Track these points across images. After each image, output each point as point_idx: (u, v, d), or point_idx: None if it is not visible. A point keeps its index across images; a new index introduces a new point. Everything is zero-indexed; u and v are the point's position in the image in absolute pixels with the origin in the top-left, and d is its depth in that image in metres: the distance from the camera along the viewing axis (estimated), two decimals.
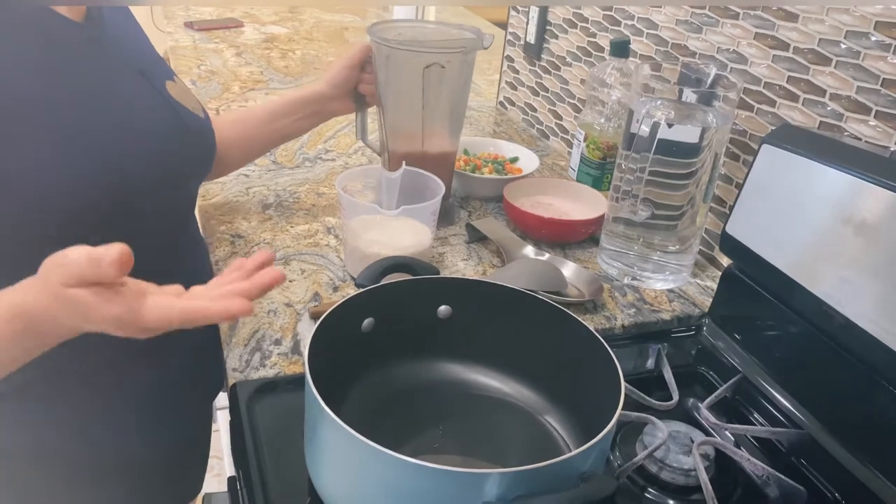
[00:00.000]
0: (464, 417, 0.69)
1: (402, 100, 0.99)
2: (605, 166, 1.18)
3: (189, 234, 0.83)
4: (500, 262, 0.99)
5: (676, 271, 0.97)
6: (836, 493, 0.67)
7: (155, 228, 0.72)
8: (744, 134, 0.96)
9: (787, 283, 0.76)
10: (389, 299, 0.68)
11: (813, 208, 0.74)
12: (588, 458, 0.52)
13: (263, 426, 0.68)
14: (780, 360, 0.80)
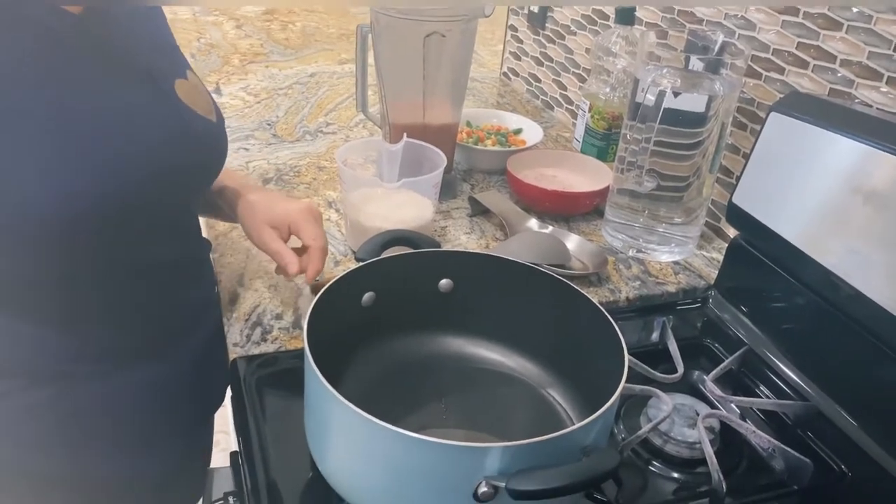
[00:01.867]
0: (466, 391, 0.69)
1: (402, 70, 0.97)
2: (610, 137, 1.16)
3: (195, 245, 0.78)
4: (503, 235, 0.98)
5: (682, 243, 0.96)
6: (843, 466, 0.67)
7: (156, 238, 0.67)
8: (751, 102, 0.94)
9: (794, 254, 0.75)
10: (390, 273, 0.67)
11: (822, 177, 0.72)
12: (591, 432, 0.51)
13: (265, 401, 0.68)
14: (787, 331, 0.79)
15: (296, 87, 1.49)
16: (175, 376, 0.74)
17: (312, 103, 1.40)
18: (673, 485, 0.65)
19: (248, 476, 0.61)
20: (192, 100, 0.67)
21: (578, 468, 0.48)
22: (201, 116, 0.68)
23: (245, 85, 1.47)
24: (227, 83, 1.47)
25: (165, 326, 0.72)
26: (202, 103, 0.69)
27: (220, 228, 0.94)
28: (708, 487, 0.62)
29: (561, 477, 0.46)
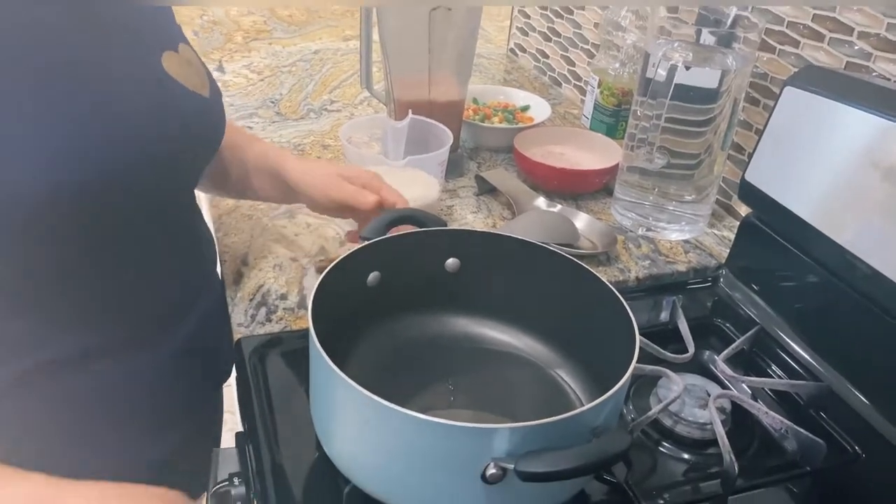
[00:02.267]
0: (473, 372, 0.68)
1: (407, 45, 0.95)
2: (620, 113, 1.14)
3: (192, 226, 0.74)
4: (511, 214, 0.96)
5: (693, 221, 0.94)
6: (856, 447, 0.66)
7: (147, 222, 0.63)
8: (764, 77, 0.92)
9: (808, 232, 0.73)
10: (395, 252, 0.66)
11: (838, 152, 0.70)
12: (601, 413, 0.50)
13: (270, 381, 0.67)
14: (800, 311, 0.78)
15: (300, 64, 1.47)
16: (175, 358, 0.71)
17: (316, 80, 1.39)
18: (683, 466, 0.64)
19: (253, 457, 0.61)
20: (181, 74, 0.63)
21: (588, 450, 0.47)
22: (192, 93, 0.64)
23: (248, 62, 1.45)
24: (230, 61, 1.45)
25: (163, 310, 0.69)
26: (193, 78, 0.65)
27: (224, 207, 0.93)
28: (719, 468, 0.61)
29: (571, 459, 0.46)
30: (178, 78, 0.63)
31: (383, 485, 0.52)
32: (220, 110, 0.70)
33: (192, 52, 0.68)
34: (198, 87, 0.65)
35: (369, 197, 0.73)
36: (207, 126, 0.68)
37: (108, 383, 0.66)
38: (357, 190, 0.74)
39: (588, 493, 0.60)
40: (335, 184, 0.75)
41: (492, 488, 0.47)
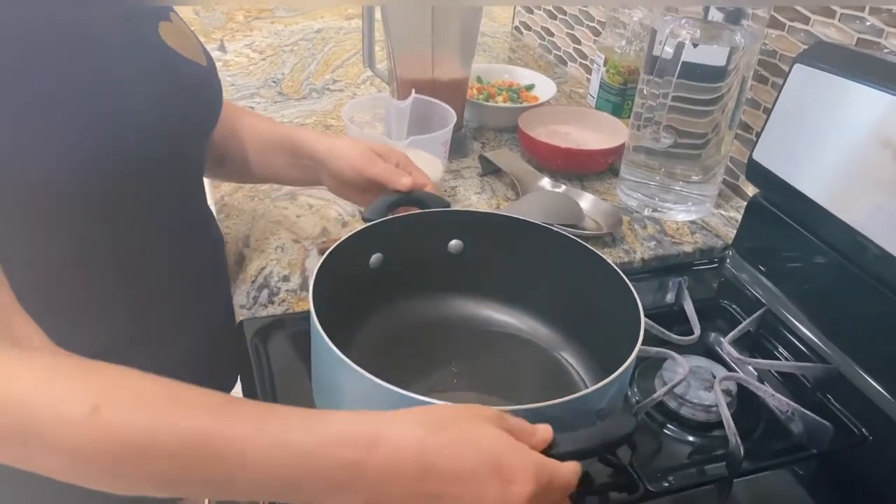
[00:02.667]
0: (477, 354, 0.67)
1: (410, 23, 0.93)
2: (626, 92, 1.13)
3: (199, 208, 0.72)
4: (515, 195, 0.95)
5: (699, 202, 0.93)
6: (864, 429, 0.65)
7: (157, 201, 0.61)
8: (773, 55, 0.90)
9: (817, 212, 0.72)
10: (398, 233, 0.65)
11: (848, 131, 0.69)
12: (605, 395, 0.50)
13: (272, 363, 0.67)
14: (807, 292, 0.77)
15: (302, 43, 1.45)
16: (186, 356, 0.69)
17: (319, 60, 1.37)
18: (688, 448, 0.64)
19: None
20: (178, 44, 0.61)
21: (592, 433, 0.46)
22: (191, 61, 0.62)
23: (250, 42, 1.44)
24: (232, 40, 1.43)
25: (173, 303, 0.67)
26: (190, 47, 0.63)
27: (225, 189, 0.92)
28: (724, 451, 0.61)
29: (574, 442, 0.45)
30: (176, 48, 0.61)
31: None
32: (217, 79, 0.69)
33: (182, 20, 0.66)
34: (195, 55, 0.64)
35: (404, 178, 0.69)
36: (208, 94, 0.66)
37: None
38: (392, 169, 0.70)
39: (592, 475, 0.59)
40: (368, 158, 0.70)
41: None
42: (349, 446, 0.41)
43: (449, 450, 0.41)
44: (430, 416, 0.43)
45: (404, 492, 0.41)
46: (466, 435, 0.42)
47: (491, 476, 0.41)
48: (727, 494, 0.59)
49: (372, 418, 0.42)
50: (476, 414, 0.43)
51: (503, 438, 0.42)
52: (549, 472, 0.42)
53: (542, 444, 0.44)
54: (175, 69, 0.60)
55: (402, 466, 0.41)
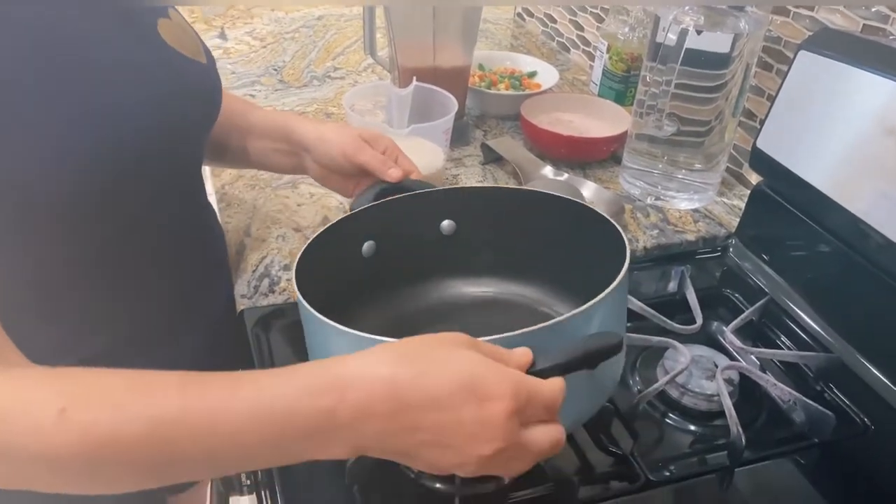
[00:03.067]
0: (474, 323, 0.66)
1: (411, 10, 0.93)
2: (629, 80, 1.12)
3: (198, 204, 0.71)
4: (517, 183, 0.95)
5: (702, 190, 0.92)
6: (866, 419, 0.65)
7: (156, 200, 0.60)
8: (778, 41, 0.89)
9: (820, 201, 0.71)
10: (388, 219, 0.64)
11: (853, 118, 0.68)
12: (591, 319, 0.48)
13: (273, 353, 0.67)
14: (811, 281, 0.76)
15: (303, 30, 1.44)
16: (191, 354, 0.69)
17: (320, 47, 1.36)
18: (690, 437, 0.64)
19: None
20: (178, 41, 0.60)
21: (572, 346, 0.45)
22: (191, 59, 0.61)
23: (251, 29, 1.43)
24: (232, 27, 1.42)
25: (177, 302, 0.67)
26: (189, 44, 0.62)
27: (226, 178, 0.92)
28: (726, 440, 0.61)
29: (551, 358, 0.44)
30: (175, 46, 0.60)
31: None
32: (217, 76, 0.68)
33: (181, 16, 0.65)
34: (194, 53, 0.63)
35: (393, 170, 0.68)
36: (208, 92, 0.65)
37: None
38: (381, 158, 0.69)
39: (594, 465, 0.59)
40: (356, 145, 0.70)
41: None
42: (320, 395, 0.40)
43: (419, 380, 0.40)
44: (398, 350, 0.42)
45: (382, 429, 0.40)
46: (436, 362, 0.41)
47: (466, 397, 0.40)
48: (728, 484, 0.59)
49: (339, 363, 0.42)
50: (447, 340, 0.43)
51: (475, 359, 0.41)
52: (528, 388, 0.41)
53: (520, 367, 0.43)
54: (174, 68, 0.59)
55: (374, 406, 0.40)
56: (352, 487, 0.55)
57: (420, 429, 0.40)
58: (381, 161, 0.69)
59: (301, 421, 0.40)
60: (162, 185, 0.59)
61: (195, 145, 0.67)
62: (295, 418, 0.40)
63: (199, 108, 0.63)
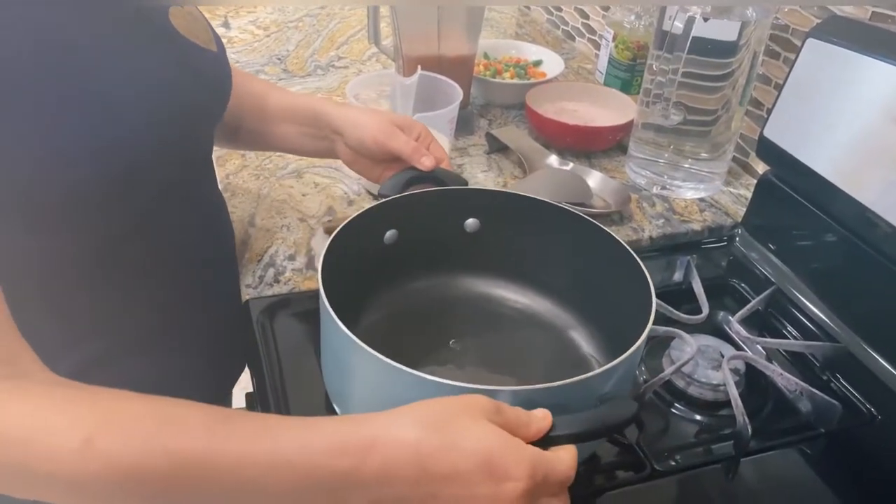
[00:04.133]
0: (488, 333, 0.67)
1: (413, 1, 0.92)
2: (635, 68, 1.11)
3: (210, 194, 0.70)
4: (522, 173, 0.94)
5: (708, 179, 0.92)
6: (872, 408, 0.65)
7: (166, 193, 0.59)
8: (785, 29, 0.89)
9: (828, 190, 0.71)
10: (415, 210, 0.64)
11: (861, 107, 0.68)
12: (609, 379, 0.49)
13: (278, 342, 0.67)
14: (817, 270, 0.76)
15: (306, 19, 1.44)
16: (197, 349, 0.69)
17: (324, 36, 1.36)
18: (695, 427, 0.63)
19: None
20: (190, 30, 0.60)
21: (590, 416, 0.46)
22: (203, 49, 0.61)
23: (254, 18, 1.42)
24: (236, 16, 1.42)
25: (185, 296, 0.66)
26: (201, 33, 0.61)
27: (231, 168, 0.92)
28: (732, 430, 0.61)
29: (569, 425, 0.45)
30: (188, 34, 0.60)
31: None
32: (227, 64, 0.67)
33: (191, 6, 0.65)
34: (206, 41, 0.62)
35: (426, 158, 0.68)
36: (219, 81, 0.65)
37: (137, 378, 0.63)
38: (414, 145, 0.69)
39: (599, 455, 0.59)
40: (389, 130, 0.69)
41: None
42: (344, 455, 0.41)
43: (443, 452, 0.41)
44: (423, 415, 0.43)
45: (401, 494, 0.41)
46: (460, 434, 0.41)
47: (484, 476, 0.41)
48: (734, 474, 0.59)
49: (365, 423, 0.42)
50: (471, 407, 0.43)
51: (496, 435, 0.42)
52: (545, 467, 0.42)
53: (539, 433, 0.44)
54: (186, 57, 0.58)
55: (398, 470, 0.41)
56: None
57: (438, 498, 0.41)
58: (414, 148, 0.69)
59: (322, 478, 0.41)
60: (172, 176, 0.59)
61: (205, 135, 0.66)
62: (318, 474, 0.41)
63: (210, 98, 0.63)
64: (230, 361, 0.77)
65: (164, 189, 0.58)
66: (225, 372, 0.77)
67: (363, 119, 0.72)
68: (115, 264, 0.57)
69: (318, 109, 0.74)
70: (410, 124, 0.72)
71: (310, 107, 0.76)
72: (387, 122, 0.71)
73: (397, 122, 0.71)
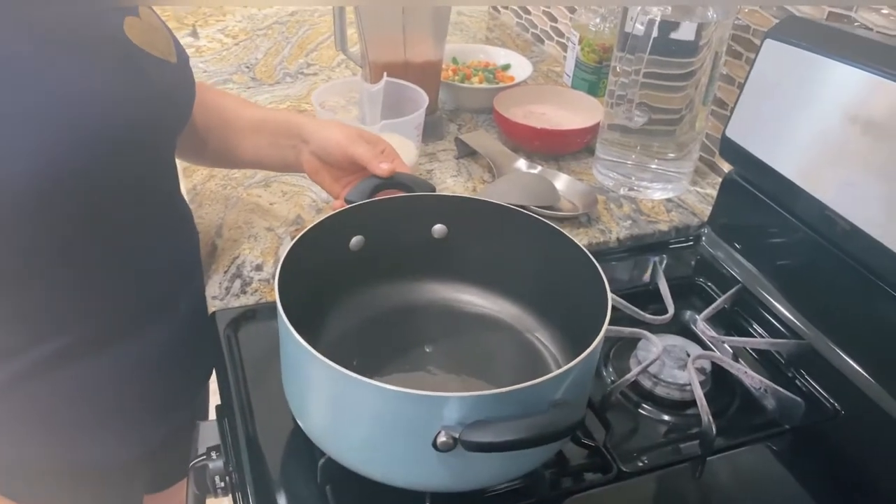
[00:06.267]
0: (453, 337, 0.67)
1: (380, 4, 0.92)
2: (601, 70, 1.12)
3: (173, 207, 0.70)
4: (491, 177, 0.95)
5: (675, 179, 0.93)
6: (836, 403, 0.65)
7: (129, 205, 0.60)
8: (746, 29, 0.90)
9: (789, 189, 0.72)
10: (381, 216, 0.64)
11: (818, 107, 0.69)
12: (562, 383, 0.49)
13: (244, 354, 0.66)
14: (782, 268, 0.77)
15: (276, 27, 1.43)
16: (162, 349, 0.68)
17: (293, 43, 1.35)
18: (663, 427, 0.64)
19: (229, 431, 0.60)
20: (146, 41, 0.59)
21: (535, 422, 0.45)
22: (158, 59, 0.60)
23: (223, 27, 1.41)
24: (205, 25, 1.41)
25: (150, 297, 0.66)
26: (159, 43, 0.61)
27: (197, 178, 0.91)
28: (698, 429, 0.61)
29: (516, 430, 0.45)
30: (144, 46, 0.59)
31: (353, 455, 0.52)
32: (189, 75, 0.67)
33: (155, 14, 0.64)
34: (165, 53, 0.62)
35: (384, 164, 0.70)
36: (178, 93, 0.65)
37: (96, 377, 0.64)
38: (375, 153, 0.71)
39: (567, 457, 0.59)
40: (355, 141, 0.71)
41: (447, 456, 0.46)
42: None
43: None
44: None
45: None
46: None
47: None
48: (701, 473, 0.59)
49: None
50: None
51: None
52: None
53: None
54: (140, 70, 0.58)
55: None
56: (324, 487, 0.55)
57: None
58: (374, 155, 0.70)
59: None
60: (128, 183, 0.59)
61: (164, 144, 0.66)
62: None
63: (167, 108, 0.63)
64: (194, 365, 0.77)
65: (118, 193, 0.58)
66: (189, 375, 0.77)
67: (330, 127, 0.73)
68: (70, 265, 0.57)
69: (289, 118, 0.77)
70: (376, 140, 0.73)
71: (280, 116, 0.78)
72: (353, 131, 0.72)
73: (364, 136, 0.73)
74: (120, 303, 0.63)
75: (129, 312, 0.64)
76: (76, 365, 0.62)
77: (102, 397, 0.65)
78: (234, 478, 0.59)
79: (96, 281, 0.60)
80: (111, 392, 0.66)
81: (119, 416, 0.68)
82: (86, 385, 0.64)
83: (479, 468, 0.50)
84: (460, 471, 0.49)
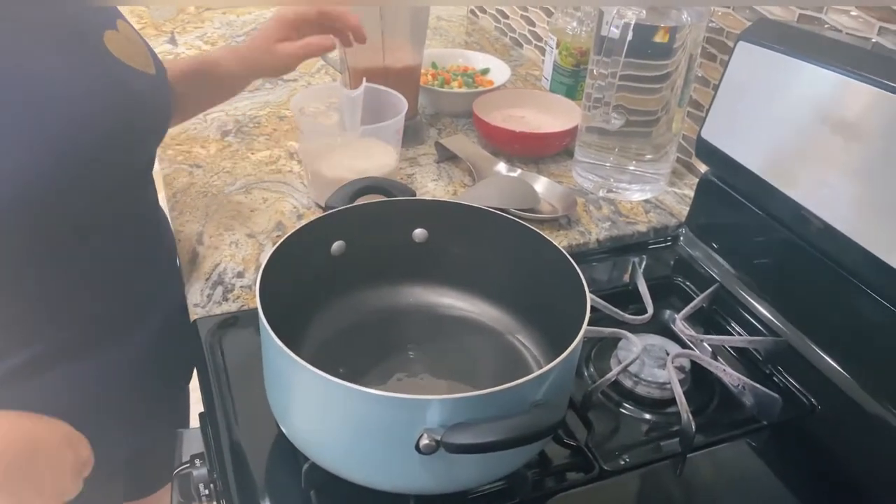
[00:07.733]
0: (435, 340, 0.67)
1: (358, 9, 0.92)
2: (579, 74, 1.13)
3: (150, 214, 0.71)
4: (472, 181, 0.95)
5: (653, 180, 0.94)
6: (813, 399, 0.67)
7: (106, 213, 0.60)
8: (720, 32, 0.91)
9: (763, 188, 0.73)
10: (362, 221, 0.65)
11: (791, 108, 0.70)
12: (541, 386, 0.49)
13: (227, 361, 0.66)
14: (758, 267, 0.78)
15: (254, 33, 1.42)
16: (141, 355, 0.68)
17: None
18: (644, 426, 0.65)
19: (213, 438, 0.60)
20: (125, 53, 0.60)
21: (517, 423, 0.46)
22: (138, 71, 0.61)
23: (202, 33, 1.41)
24: (183, 32, 1.41)
25: (127, 305, 0.67)
26: (137, 56, 0.62)
27: (178, 186, 0.91)
28: (678, 427, 0.62)
29: (498, 431, 0.45)
30: (123, 58, 0.60)
31: (337, 460, 0.52)
32: (167, 86, 0.68)
33: (131, 27, 0.65)
34: (143, 65, 0.63)
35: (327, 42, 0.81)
36: (157, 104, 0.65)
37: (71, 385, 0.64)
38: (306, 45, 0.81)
39: (550, 457, 0.60)
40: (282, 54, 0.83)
41: (430, 459, 0.46)
42: None
43: None
44: None
45: None
46: None
47: None
48: (682, 470, 0.60)
49: None
50: None
51: None
52: None
53: None
54: (121, 81, 0.59)
55: None
56: (309, 492, 0.55)
57: None
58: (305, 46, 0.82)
59: None
60: (104, 192, 0.59)
61: (142, 155, 0.66)
62: None
63: (146, 119, 0.63)
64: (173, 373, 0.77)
65: (94, 202, 0.58)
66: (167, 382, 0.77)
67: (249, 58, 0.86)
68: (43, 272, 0.57)
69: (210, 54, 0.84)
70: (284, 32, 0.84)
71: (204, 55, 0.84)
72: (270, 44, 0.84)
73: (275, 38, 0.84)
74: (95, 311, 0.63)
75: (104, 321, 0.64)
76: (51, 373, 0.62)
77: (79, 405, 0.65)
78: (218, 485, 0.59)
79: (70, 289, 0.60)
80: (88, 400, 0.66)
81: (96, 424, 0.68)
82: (61, 393, 0.64)
83: (461, 470, 0.50)
84: (443, 473, 0.50)
